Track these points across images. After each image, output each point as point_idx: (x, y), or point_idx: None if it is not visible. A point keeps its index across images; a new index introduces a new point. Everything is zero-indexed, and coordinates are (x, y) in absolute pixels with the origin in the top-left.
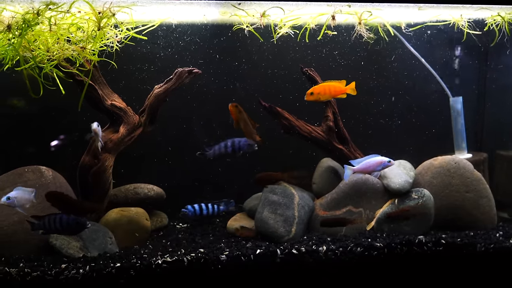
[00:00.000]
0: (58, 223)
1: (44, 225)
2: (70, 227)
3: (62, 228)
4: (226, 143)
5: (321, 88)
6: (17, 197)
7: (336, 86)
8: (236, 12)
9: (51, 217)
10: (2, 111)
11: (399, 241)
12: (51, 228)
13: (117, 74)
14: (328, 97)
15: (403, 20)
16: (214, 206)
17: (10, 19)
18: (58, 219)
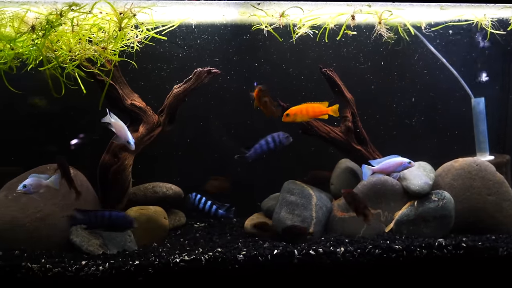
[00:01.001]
0: (107, 219)
1: (90, 220)
2: (117, 223)
3: (110, 224)
4: (266, 140)
5: (298, 109)
6: (32, 184)
7: (315, 107)
8: (255, 12)
9: (98, 213)
10: (25, 110)
11: (418, 243)
12: (96, 224)
13: (136, 73)
14: (305, 118)
15: (424, 19)
16: (213, 206)
17: (34, 20)
18: (107, 215)
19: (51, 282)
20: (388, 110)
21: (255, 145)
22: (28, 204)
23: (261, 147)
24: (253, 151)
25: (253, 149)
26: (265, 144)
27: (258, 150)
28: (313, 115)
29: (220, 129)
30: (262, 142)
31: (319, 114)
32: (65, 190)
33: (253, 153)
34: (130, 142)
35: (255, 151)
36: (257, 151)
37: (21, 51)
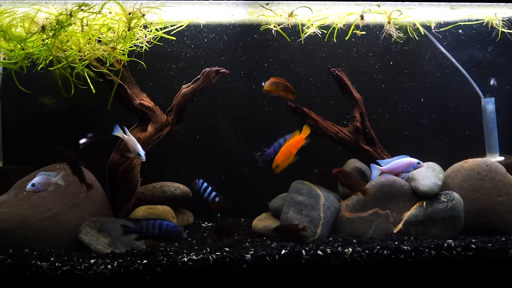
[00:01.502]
0: (157, 229)
1: (141, 230)
2: (168, 233)
3: (160, 234)
4: (285, 138)
5: (282, 156)
6: (41, 182)
7: (292, 143)
8: (264, 12)
9: (149, 222)
10: (34, 110)
11: (427, 244)
12: (148, 234)
13: (144, 73)
14: (292, 157)
15: (434, 19)
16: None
17: (44, 20)
18: (158, 225)
19: (60, 280)
20: (397, 110)
21: (274, 143)
22: (38, 203)
23: (280, 146)
24: (272, 149)
25: (273, 147)
26: (283, 142)
27: (277, 148)
28: (295, 150)
29: (229, 128)
30: (281, 140)
31: (299, 146)
32: (74, 189)
33: (272, 151)
34: (141, 154)
35: (274, 149)
36: (276, 149)
37: (31, 51)
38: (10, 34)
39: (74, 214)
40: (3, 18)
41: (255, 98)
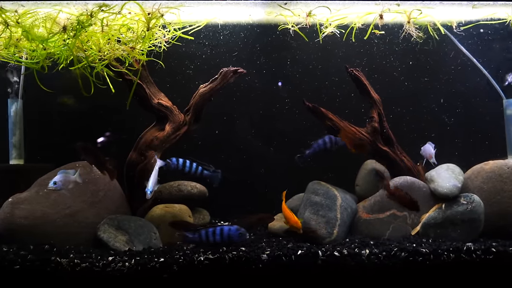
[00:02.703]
0: (219, 235)
1: (200, 238)
2: (232, 239)
3: (223, 241)
4: (323, 139)
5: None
6: (62, 180)
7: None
8: (282, 12)
9: (209, 230)
10: (55, 109)
11: (446, 247)
12: (209, 242)
13: (161, 73)
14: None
15: (455, 18)
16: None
17: (66, 20)
18: (219, 231)
19: (79, 276)
20: (416, 111)
21: (313, 144)
22: (58, 201)
23: (319, 146)
24: (311, 150)
25: (312, 148)
26: (322, 143)
27: (316, 148)
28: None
29: (245, 128)
30: (319, 141)
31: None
32: (93, 187)
33: (311, 151)
34: (148, 191)
35: (313, 149)
36: (315, 150)
37: (53, 51)
38: (33, 34)
39: (93, 212)
40: (26, 18)
41: (273, 98)
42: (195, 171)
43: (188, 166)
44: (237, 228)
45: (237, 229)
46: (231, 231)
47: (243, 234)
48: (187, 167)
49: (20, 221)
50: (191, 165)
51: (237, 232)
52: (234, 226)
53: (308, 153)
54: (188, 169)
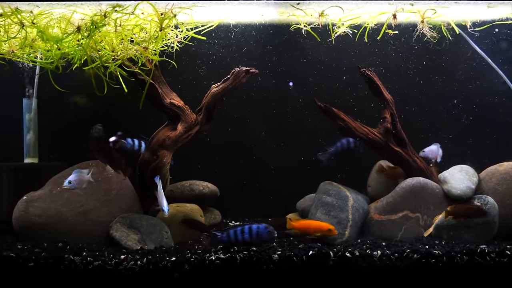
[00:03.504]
0: (247, 234)
1: (229, 238)
2: (261, 237)
3: (251, 239)
4: (347, 139)
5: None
6: (76, 179)
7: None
8: (295, 11)
9: (237, 229)
10: (68, 108)
11: (459, 249)
12: (238, 241)
13: (175, 72)
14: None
15: (469, 18)
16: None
17: (80, 21)
18: (247, 230)
19: (92, 274)
20: (429, 111)
21: (337, 143)
22: (71, 199)
23: (342, 145)
24: (334, 149)
25: (334, 147)
26: (346, 143)
27: (339, 147)
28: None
29: (257, 128)
30: (343, 140)
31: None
32: (106, 186)
33: (334, 150)
34: (164, 210)
35: (336, 148)
36: (338, 149)
37: (67, 51)
38: (48, 34)
39: (105, 211)
40: (41, 19)
41: (285, 98)
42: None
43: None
44: (265, 226)
45: (265, 227)
46: (260, 229)
47: (272, 232)
48: (135, 146)
49: (34, 219)
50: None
51: (266, 230)
52: (263, 225)
53: (331, 151)
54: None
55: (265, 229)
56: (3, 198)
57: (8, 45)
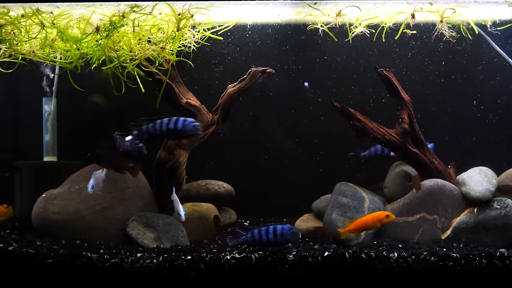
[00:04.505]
0: (272, 234)
1: (254, 238)
2: (285, 237)
3: (276, 240)
4: (382, 147)
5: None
6: (97, 183)
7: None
8: (312, 11)
9: (261, 229)
10: (86, 108)
11: (477, 252)
12: (262, 241)
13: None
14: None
15: (489, 17)
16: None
17: (98, 21)
18: (272, 230)
19: (109, 272)
20: (448, 112)
21: (370, 148)
22: (89, 197)
23: (376, 151)
24: (367, 152)
25: (368, 151)
26: (380, 149)
27: (372, 152)
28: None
29: (273, 128)
30: (378, 146)
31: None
32: (123, 184)
33: (367, 154)
34: (181, 214)
35: (369, 153)
36: (371, 153)
37: (85, 51)
38: (67, 35)
39: (122, 209)
40: (61, 20)
41: (301, 99)
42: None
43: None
44: (290, 227)
45: (290, 227)
46: (284, 230)
47: (296, 233)
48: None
49: (53, 216)
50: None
51: (290, 231)
52: (287, 225)
53: (363, 155)
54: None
55: (289, 230)
56: (23, 196)
57: (29, 45)
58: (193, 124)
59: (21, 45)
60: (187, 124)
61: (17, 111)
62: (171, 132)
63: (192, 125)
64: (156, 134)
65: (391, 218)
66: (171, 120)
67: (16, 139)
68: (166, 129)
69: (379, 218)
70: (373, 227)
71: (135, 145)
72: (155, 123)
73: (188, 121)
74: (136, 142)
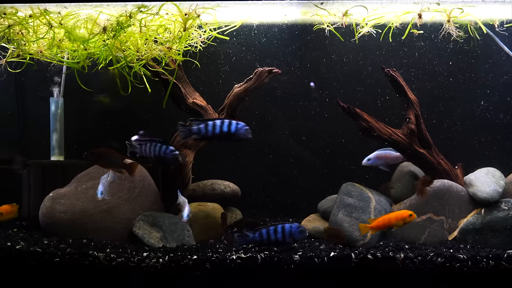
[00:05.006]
0: (280, 234)
1: (261, 238)
2: (294, 236)
3: (284, 239)
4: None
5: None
6: (106, 188)
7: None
8: (318, 11)
9: (270, 229)
10: (92, 108)
11: (485, 254)
12: (270, 241)
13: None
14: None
15: (497, 17)
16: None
17: (106, 21)
18: (280, 229)
19: (115, 271)
20: (455, 112)
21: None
22: (96, 196)
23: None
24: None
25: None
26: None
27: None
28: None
29: (279, 128)
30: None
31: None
32: (129, 184)
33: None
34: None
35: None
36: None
37: (93, 51)
38: (75, 35)
39: (128, 208)
40: (68, 20)
41: (307, 98)
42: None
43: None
44: (298, 225)
45: (298, 226)
46: (292, 229)
47: (304, 231)
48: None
49: (60, 215)
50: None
51: (298, 230)
52: (295, 224)
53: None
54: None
55: (297, 229)
56: (31, 195)
57: (36, 45)
58: (245, 128)
59: (29, 45)
60: (240, 127)
61: (24, 110)
62: (222, 135)
63: (244, 129)
64: (207, 136)
65: (414, 217)
66: (224, 123)
67: (23, 139)
68: (219, 131)
69: (403, 217)
70: (396, 226)
71: (171, 152)
72: (207, 124)
73: (240, 124)
74: (172, 149)
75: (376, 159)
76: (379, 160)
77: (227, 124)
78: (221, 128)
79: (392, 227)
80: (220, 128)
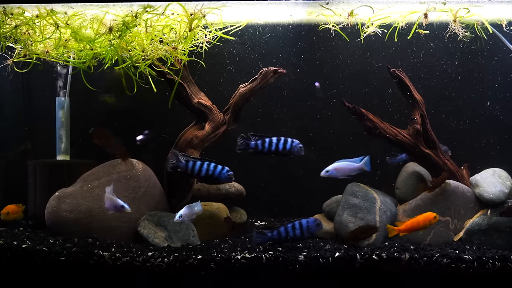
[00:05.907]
0: (298, 230)
1: (280, 236)
2: (310, 230)
3: (302, 235)
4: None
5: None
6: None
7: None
8: (323, 11)
9: (287, 226)
10: (98, 107)
11: (491, 255)
12: (288, 238)
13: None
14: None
15: (504, 17)
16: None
17: (111, 21)
18: (298, 225)
19: (120, 270)
20: (462, 113)
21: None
22: (101, 196)
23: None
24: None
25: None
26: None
27: (404, 157)
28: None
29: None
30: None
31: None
32: (134, 183)
33: (404, 157)
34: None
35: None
36: (405, 157)
37: (99, 51)
38: (81, 35)
39: (133, 208)
40: (74, 20)
41: (312, 98)
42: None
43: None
44: (314, 219)
45: (314, 220)
46: (309, 223)
47: (320, 224)
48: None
49: (66, 214)
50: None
51: (315, 223)
52: (311, 218)
53: (399, 157)
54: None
55: (313, 222)
56: (36, 194)
57: (43, 45)
58: (300, 146)
59: (35, 45)
60: (295, 146)
61: (30, 110)
62: (277, 152)
63: (299, 146)
64: (263, 151)
65: (437, 219)
66: (280, 141)
67: (29, 138)
68: (275, 148)
69: (429, 219)
70: (423, 228)
71: (227, 173)
72: (264, 141)
73: (295, 142)
74: (227, 170)
75: (334, 170)
76: (338, 172)
77: (282, 142)
78: (277, 146)
79: (420, 229)
80: (276, 146)
